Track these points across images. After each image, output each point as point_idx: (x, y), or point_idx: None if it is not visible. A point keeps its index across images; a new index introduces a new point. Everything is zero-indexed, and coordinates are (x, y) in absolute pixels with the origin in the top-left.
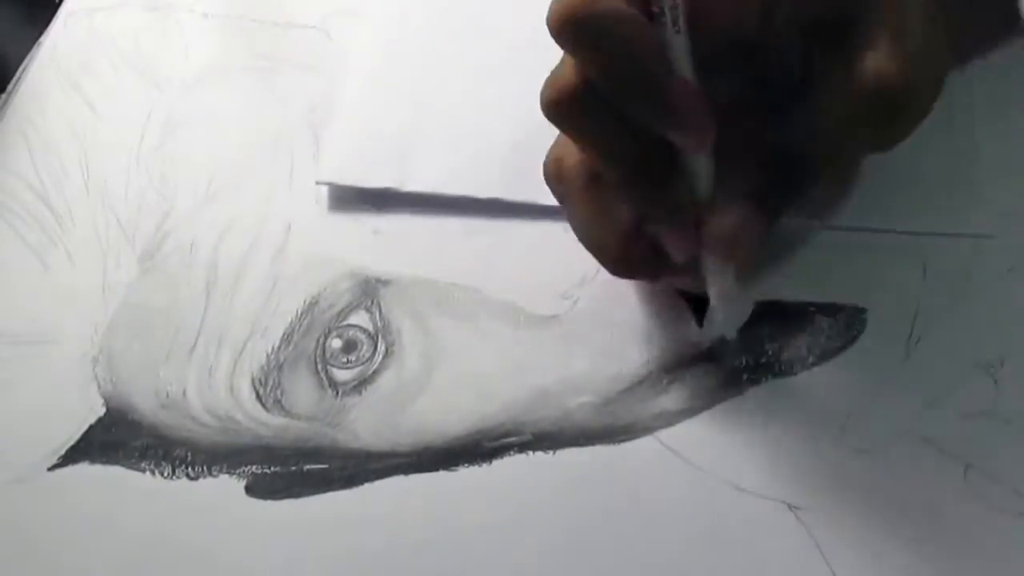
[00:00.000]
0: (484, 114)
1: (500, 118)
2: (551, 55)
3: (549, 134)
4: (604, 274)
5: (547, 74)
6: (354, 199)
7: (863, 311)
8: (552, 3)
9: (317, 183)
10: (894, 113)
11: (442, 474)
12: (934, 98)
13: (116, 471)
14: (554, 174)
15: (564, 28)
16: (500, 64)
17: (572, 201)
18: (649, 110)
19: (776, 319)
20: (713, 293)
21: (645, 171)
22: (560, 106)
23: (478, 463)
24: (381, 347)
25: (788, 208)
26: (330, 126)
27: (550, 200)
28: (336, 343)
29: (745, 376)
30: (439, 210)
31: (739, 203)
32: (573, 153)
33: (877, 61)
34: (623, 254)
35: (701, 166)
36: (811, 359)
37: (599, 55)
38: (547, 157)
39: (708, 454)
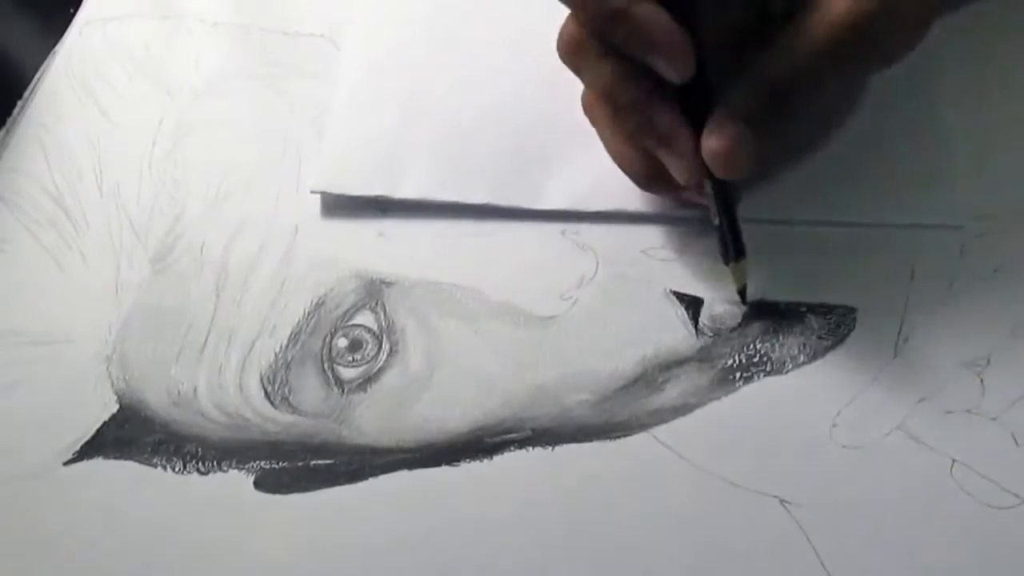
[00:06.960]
0: (472, 123)
1: (487, 127)
2: (535, 66)
3: (534, 142)
4: (600, 276)
5: (530, 83)
6: (358, 202)
7: (853, 311)
8: None
9: (312, 192)
10: (858, 44)
11: (444, 469)
12: (911, 32)
13: (129, 466)
14: (586, 105)
15: None
16: (486, 74)
17: (599, 127)
18: (632, 46)
19: (768, 319)
20: (713, 213)
21: (637, 104)
22: (567, 52)
23: (479, 458)
24: (386, 346)
25: (778, 128)
26: (322, 136)
27: (537, 205)
28: (342, 342)
29: (738, 374)
30: (441, 214)
31: (733, 123)
32: None
33: None
34: (648, 173)
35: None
36: (802, 358)
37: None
38: (583, 92)
39: (702, 450)
